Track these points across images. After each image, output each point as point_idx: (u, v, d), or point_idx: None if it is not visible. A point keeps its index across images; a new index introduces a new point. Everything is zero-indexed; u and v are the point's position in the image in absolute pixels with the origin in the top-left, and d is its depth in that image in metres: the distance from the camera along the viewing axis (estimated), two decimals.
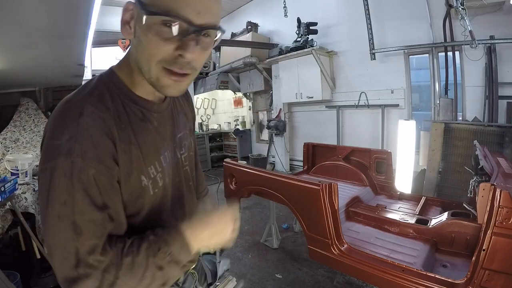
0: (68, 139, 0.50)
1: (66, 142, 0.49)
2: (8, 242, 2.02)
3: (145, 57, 0.54)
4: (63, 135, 0.50)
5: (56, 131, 0.51)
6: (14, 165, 1.96)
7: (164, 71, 0.54)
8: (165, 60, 0.53)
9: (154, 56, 0.53)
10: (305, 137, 5.16)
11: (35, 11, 1.25)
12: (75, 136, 0.50)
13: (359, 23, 4.11)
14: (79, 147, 0.49)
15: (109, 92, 0.58)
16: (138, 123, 0.61)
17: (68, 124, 0.51)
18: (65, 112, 0.53)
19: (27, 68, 2.18)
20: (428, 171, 3.35)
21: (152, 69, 0.54)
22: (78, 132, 0.50)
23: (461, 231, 1.80)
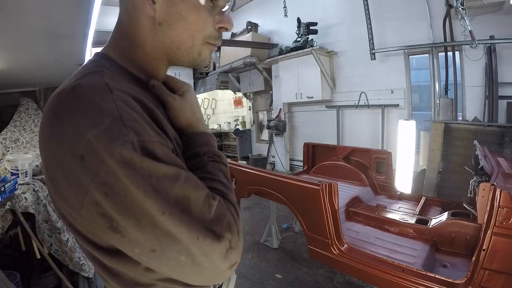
0: (113, 119, 0.38)
1: (111, 125, 0.37)
2: (8, 242, 2.01)
3: (188, 33, 0.51)
4: (102, 118, 0.37)
5: (85, 121, 0.37)
6: (14, 165, 1.95)
7: (206, 45, 0.54)
8: (210, 35, 0.53)
9: (202, 31, 0.52)
10: (305, 137, 5.16)
11: (35, 11, 1.25)
12: (119, 115, 0.38)
13: (359, 23, 4.12)
14: (132, 124, 0.39)
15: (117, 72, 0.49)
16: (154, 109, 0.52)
17: (101, 104, 0.39)
18: (84, 95, 0.40)
19: (27, 68, 2.18)
20: (428, 171, 3.35)
21: (195, 46, 0.53)
22: (119, 108, 0.39)
23: (461, 231, 1.80)
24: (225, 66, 6.02)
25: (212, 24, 0.52)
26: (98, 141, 0.36)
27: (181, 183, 0.40)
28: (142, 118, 0.42)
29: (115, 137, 0.37)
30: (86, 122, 0.37)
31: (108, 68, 0.48)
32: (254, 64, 5.45)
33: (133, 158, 0.37)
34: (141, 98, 0.45)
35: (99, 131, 0.37)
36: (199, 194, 0.41)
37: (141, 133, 0.39)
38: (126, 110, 0.40)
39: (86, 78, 0.43)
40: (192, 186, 0.41)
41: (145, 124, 0.41)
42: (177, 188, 0.39)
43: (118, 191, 0.36)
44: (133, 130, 0.38)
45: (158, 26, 0.50)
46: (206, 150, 0.54)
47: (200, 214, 0.40)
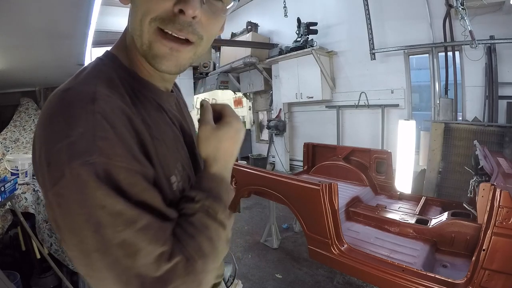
0: (82, 133, 0.35)
1: (80, 138, 0.35)
2: (8, 242, 2.01)
3: (138, 17, 0.43)
4: (73, 129, 0.36)
5: (60, 128, 0.36)
6: (14, 165, 1.96)
7: (158, 34, 0.43)
8: (160, 17, 0.42)
9: (149, 12, 0.42)
10: (305, 137, 5.16)
11: (35, 11, 1.25)
12: (92, 128, 0.36)
13: (359, 23, 4.12)
14: (102, 143, 0.36)
15: (117, 76, 0.46)
16: (155, 113, 0.50)
17: (78, 114, 0.37)
18: (69, 100, 0.38)
19: (27, 68, 2.18)
20: (428, 171, 3.35)
21: (144, 32, 0.43)
22: (95, 122, 0.36)
23: (461, 231, 1.80)
24: (225, 66, 6.02)
25: (168, 5, 0.41)
26: (64, 153, 0.35)
27: (136, 229, 0.35)
28: (119, 136, 0.37)
29: (77, 154, 0.35)
30: (62, 130, 0.36)
31: (109, 70, 0.46)
32: (254, 64, 5.45)
33: (88, 183, 0.34)
34: (129, 113, 0.41)
35: (67, 144, 0.35)
36: (152, 249, 0.36)
37: (109, 154, 0.36)
38: (101, 125, 0.36)
39: (80, 82, 0.42)
40: (149, 238, 0.36)
41: (120, 143, 0.37)
42: (128, 232, 0.35)
43: (68, 208, 0.35)
44: (100, 149, 0.35)
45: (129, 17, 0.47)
46: (202, 197, 0.45)
47: (143, 268, 0.35)
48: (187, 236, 0.41)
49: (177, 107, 0.61)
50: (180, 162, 0.52)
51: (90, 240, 0.34)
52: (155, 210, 0.39)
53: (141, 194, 0.38)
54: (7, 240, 2.00)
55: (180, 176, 0.50)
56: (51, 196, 0.36)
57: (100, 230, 0.34)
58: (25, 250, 1.93)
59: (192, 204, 0.44)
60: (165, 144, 0.48)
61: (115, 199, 0.35)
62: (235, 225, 3.52)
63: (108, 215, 0.34)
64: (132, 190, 0.37)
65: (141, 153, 0.40)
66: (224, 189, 0.49)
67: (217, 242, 0.44)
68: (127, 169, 0.37)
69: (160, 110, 0.51)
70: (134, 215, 0.36)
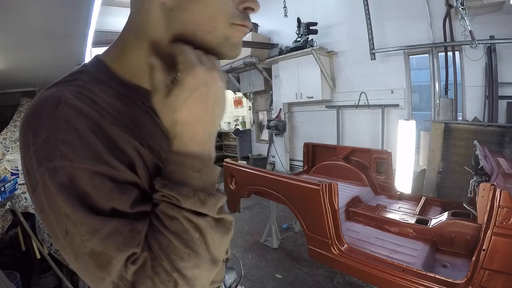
0: (45, 139, 0.36)
1: (43, 145, 0.36)
2: (8, 242, 2.01)
3: (207, 14, 0.44)
4: (37, 137, 0.36)
5: (28, 135, 0.38)
6: (14, 165, 1.96)
7: (233, 27, 0.46)
8: (235, 15, 0.45)
9: (223, 11, 0.44)
10: (305, 137, 5.16)
11: (35, 11, 1.25)
12: (54, 134, 0.36)
13: (359, 23, 4.11)
14: (63, 146, 0.35)
15: (96, 83, 0.44)
16: (141, 115, 0.48)
17: (42, 120, 0.37)
18: (36, 108, 0.39)
19: (27, 68, 2.18)
20: (428, 171, 3.35)
21: (218, 29, 0.45)
22: (57, 126, 0.36)
23: (461, 231, 1.80)
24: (225, 66, 6.02)
25: (233, 5, 0.45)
26: (34, 159, 0.36)
27: (102, 237, 0.34)
28: (83, 138, 0.36)
29: (41, 161, 0.36)
30: (30, 139, 0.37)
31: (88, 75, 0.45)
32: (254, 64, 5.45)
33: (51, 190, 0.34)
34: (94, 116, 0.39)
35: (34, 151, 0.36)
36: (122, 255, 0.34)
37: (70, 157, 0.35)
38: (63, 128, 0.36)
39: (52, 88, 0.42)
40: (117, 244, 0.34)
41: (83, 146, 0.36)
42: (95, 241, 0.34)
43: (46, 215, 0.36)
44: (61, 152, 0.35)
45: (169, 13, 0.44)
46: (160, 185, 0.38)
47: (116, 276, 0.35)
48: (152, 230, 0.38)
49: None
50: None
51: (65, 245, 0.35)
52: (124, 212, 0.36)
53: (108, 197, 0.36)
54: (7, 240, 2.00)
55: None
56: (34, 202, 0.38)
57: (68, 237, 0.35)
58: (25, 250, 1.93)
59: (155, 193, 0.39)
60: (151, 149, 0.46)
61: (76, 207, 0.34)
62: (235, 225, 3.48)
63: (72, 224, 0.34)
64: (97, 194, 0.35)
65: (111, 153, 0.38)
66: (190, 168, 0.39)
67: (187, 232, 0.37)
68: (90, 171, 0.35)
69: (149, 112, 0.49)
70: (98, 223, 0.34)
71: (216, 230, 0.40)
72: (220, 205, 0.41)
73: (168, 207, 0.38)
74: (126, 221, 0.36)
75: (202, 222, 0.38)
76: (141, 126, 0.46)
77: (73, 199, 0.34)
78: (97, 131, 0.38)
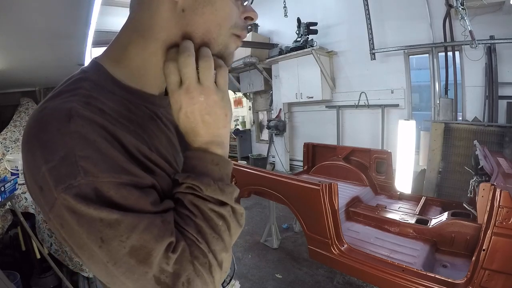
0: (64, 156, 0.35)
1: (61, 162, 0.35)
2: (8, 242, 2.01)
3: (215, 21, 0.45)
4: (53, 154, 0.35)
5: (37, 151, 0.36)
6: (14, 165, 1.96)
7: (233, 37, 0.48)
8: (237, 24, 0.48)
9: (229, 19, 0.46)
10: (305, 137, 5.16)
11: (35, 11, 1.25)
12: (72, 150, 0.35)
13: (359, 23, 4.12)
14: (85, 162, 0.35)
15: (100, 91, 0.43)
16: (148, 121, 0.48)
17: (55, 135, 0.36)
18: (44, 121, 0.37)
19: (27, 68, 2.18)
20: (428, 171, 3.35)
21: (221, 36, 0.46)
22: (74, 141, 0.35)
23: (461, 231, 1.80)
24: None
25: (237, 13, 0.47)
26: (49, 176, 0.35)
27: (139, 232, 0.35)
28: (101, 151, 0.37)
29: (61, 179, 0.35)
30: (41, 155, 0.36)
31: (91, 83, 0.44)
32: (254, 64, 5.45)
33: (76, 206, 0.34)
34: (109, 126, 0.39)
35: (50, 168, 0.35)
36: (160, 245, 0.36)
37: (94, 172, 0.35)
38: (80, 144, 0.36)
39: (56, 99, 0.40)
40: (154, 236, 0.36)
41: (104, 158, 0.36)
42: (134, 237, 0.35)
43: (70, 229, 0.36)
44: (83, 169, 0.35)
45: (181, 13, 0.44)
46: (183, 178, 0.42)
47: (157, 268, 0.36)
48: (183, 220, 0.41)
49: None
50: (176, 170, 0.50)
51: (99, 254, 0.35)
52: (153, 210, 0.38)
53: (136, 204, 0.37)
54: (7, 240, 2.00)
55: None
56: (52, 218, 0.37)
57: (105, 244, 0.35)
58: (25, 250, 1.93)
59: (178, 187, 0.43)
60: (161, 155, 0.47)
61: (110, 210, 0.35)
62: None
63: (108, 227, 0.35)
64: (125, 203, 0.36)
65: (131, 162, 0.39)
66: (209, 162, 0.44)
67: (212, 220, 0.41)
68: (115, 183, 0.36)
69: (153, 117, 0.50)
70: (134, 219, 0.36)
71: (233, 219, 0.45)
72: (236, 195, 0.46)
73: (194, 198, 0.41)
74: (156, 214, 0.38)
75: (223, 210, 0.43)
76: (148, 132, 0.47)
77: (105, 206, 0.35)
78: (113, 141, 0.39)
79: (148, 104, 0.49)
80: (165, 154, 0.49)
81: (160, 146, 0.48)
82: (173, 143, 0.54)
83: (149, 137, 0.46)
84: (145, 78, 0.48)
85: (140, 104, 0.48)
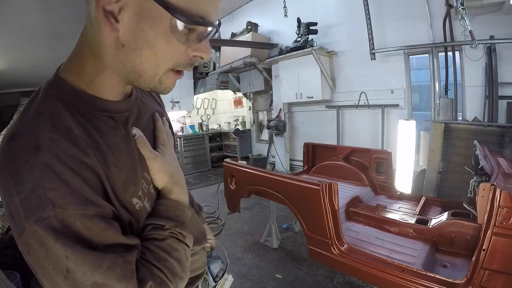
0: (32, 188, 0.37)
1: (30, 194, 0.37)
2: (8, 242, 2.01)
3: (153, 62, 0.45)
4: (22, 185, 0.37)
5: (9, 182, 0.38)
6: None
7: (171, 73, 0.47)
8: (179, 63, 0.47)
9: (169, 61, 0.45)
10: (305, 137, 5.16)
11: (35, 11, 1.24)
12: (40, 182, 0.37)
13: (359, 23, 4.11)
14: (52, 195, 0.37)
15: (64, 106, 0.45)
16: (111, 133, 0.49)
17: (24, 168, 0.37)
18: (13, 153, 0.39)
19: (27, 68, 2.18)
20: (428, 171, 3.35)
21: (158, 75, 0.46)
22: (42, 174, 0.37)
23: (461, 231, 1.80)
24: (225, 66, 6.02)
25: (185, 52, 0.45)
26: (20, 207, 0.37)
27: (103, 271, 0.38)
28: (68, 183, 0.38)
29: (31, 211, 0.37)
30: (13, 186, 0.38)
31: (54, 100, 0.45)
32: (254, 64, 5.45)
33: (45, 238, 0.36)
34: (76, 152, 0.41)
35: (21, 200, 0.37)
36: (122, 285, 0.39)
37: (61, 204, 0.37)
38: (48, 176, 0.37)
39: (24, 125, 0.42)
40: (116, 275, 0.39)
41: (70, 190, 0.38)
42: (96, 275, 0.37)
43: (36, 258, 0.38)
44: (51, 201, 0.36)
45: (121, 47, 0.44)
46: (172, 225, 0.50)
47: None
48: (159, 261, 0.46)
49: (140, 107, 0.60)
50: (143, 179, 0.52)
51: (62, 285, 0.37)
52: (117, 245, 0.41)
53: (101, 235, 0.40)
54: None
55: (144, 195, 0.52)
56: (21, 244, 0.38)
57: (70, 276, 0.37)
58: None
59: (162, 231, 0.49)
60: (124, 170, 0.48)
61: (76, 247, 0.37)
62: (235, 225, 3.52)
63: (74, 263, 0.37)
64: (91, 234, 0.39)
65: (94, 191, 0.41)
66: (186, 214, 0.55)
67: (185, 262, 0.50)
68: (81, 215, 0.38)
69: (117, 127, 0.51)
70: (97, 259, 0.38)
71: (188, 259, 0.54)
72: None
73: (174, 242, 0.49)
74: (118, 254, 0.41)
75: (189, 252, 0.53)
76: (111, 145, 0.48)
77: (71, 242, 0.37)
78: (80, 169, 0.40)
79: (112, 114, 0.51)
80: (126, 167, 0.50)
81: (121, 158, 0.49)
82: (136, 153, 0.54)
83: (111, 149, 0.48)
84: (105, 87, 0.49)
85: (104, 114, 0.50)
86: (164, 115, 0.69)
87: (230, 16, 6.75)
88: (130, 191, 0.49)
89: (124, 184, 0.48)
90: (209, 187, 5.34)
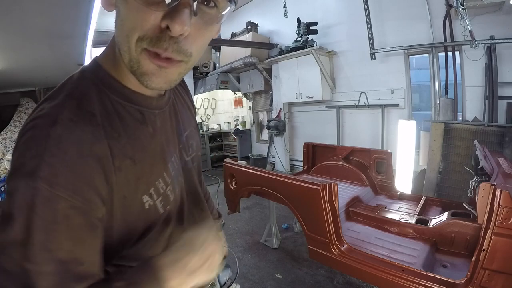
0: (33, 156, 0.36)
1: (30, 160, 0.36)
2: None
3: (124, 32, 0.40)
4: (27, 150, 0.37)
5: (20, 146, 0.39)
6: None
7: (145, 53, 0.40)
8: (147, 36, 0.38)
9: (135, 29, 0.38)
10: (305, 137, 5.16)
11: (35, 11, 1.25)
12: (42, 153, 0.36)
13: (359, 23, 4.11)
14: (47, 169, 0.36)
15: (96, 91, 0.44)
16: (137, 127, 0.48)
17: (35, 136, 0.38)
18: (34, 121, 0.40)
19: (27, 68, 2.18)
20: (428, 171, 3.35)
21: (132, 49, 0.39)
22: (46, 147, 0.37)
23: (461, 231, 1.80)
24: (225, 66, 6.02)
25: (155, 20, 0.38)
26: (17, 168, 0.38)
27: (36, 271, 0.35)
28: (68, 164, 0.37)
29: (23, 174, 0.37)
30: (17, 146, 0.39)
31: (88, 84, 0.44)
32: (254, 64, 5.45)
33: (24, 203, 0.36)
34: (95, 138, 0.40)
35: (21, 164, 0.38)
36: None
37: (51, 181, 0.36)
38: (50, 150, 0.37)
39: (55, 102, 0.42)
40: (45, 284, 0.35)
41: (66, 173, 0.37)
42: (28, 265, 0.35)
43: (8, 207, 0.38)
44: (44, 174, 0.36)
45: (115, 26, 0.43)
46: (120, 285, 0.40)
47: None
48: None
49: (171, 110, 0.58)
50: (161, 178, 0.50)
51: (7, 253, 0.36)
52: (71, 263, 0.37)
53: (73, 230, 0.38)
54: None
55: (157, 194, 0.49)
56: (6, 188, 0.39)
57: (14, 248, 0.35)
58: None
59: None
60: (140, 165, 0.47)
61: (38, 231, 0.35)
62: (235, 225, 3.52)
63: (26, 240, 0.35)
64: (65, 222, 0.37)
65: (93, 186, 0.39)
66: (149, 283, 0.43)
67: None
68: (66, 201, 0.37)
69: (145, 122, 0.49)
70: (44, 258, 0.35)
71: None
72: None
73: None
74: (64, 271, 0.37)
75: None
76: (133, 138, 0.47)
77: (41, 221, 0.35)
78: (86, 156, 0.39)
79: (141, 107, 0.49)
80: (149, 160, 0.49)
81: (142, 154, 0.48)
82: (164, 146, 0.53)
83: (133, 142, 0.47)
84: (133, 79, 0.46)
85: (133, 107, 0.48)
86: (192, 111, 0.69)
87: (230, 16, 6.60)
88: (142, 188, 0.47)
89: (137, 180, 0.46)
90: (209, 187, 5.30)
